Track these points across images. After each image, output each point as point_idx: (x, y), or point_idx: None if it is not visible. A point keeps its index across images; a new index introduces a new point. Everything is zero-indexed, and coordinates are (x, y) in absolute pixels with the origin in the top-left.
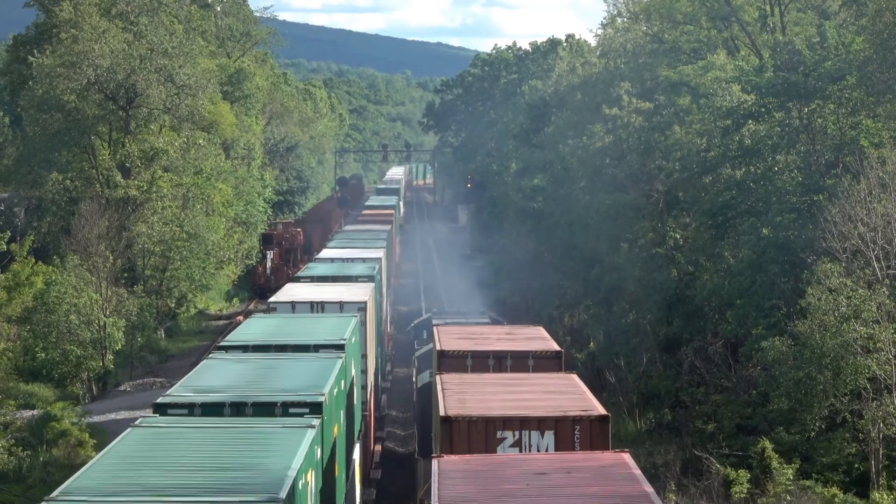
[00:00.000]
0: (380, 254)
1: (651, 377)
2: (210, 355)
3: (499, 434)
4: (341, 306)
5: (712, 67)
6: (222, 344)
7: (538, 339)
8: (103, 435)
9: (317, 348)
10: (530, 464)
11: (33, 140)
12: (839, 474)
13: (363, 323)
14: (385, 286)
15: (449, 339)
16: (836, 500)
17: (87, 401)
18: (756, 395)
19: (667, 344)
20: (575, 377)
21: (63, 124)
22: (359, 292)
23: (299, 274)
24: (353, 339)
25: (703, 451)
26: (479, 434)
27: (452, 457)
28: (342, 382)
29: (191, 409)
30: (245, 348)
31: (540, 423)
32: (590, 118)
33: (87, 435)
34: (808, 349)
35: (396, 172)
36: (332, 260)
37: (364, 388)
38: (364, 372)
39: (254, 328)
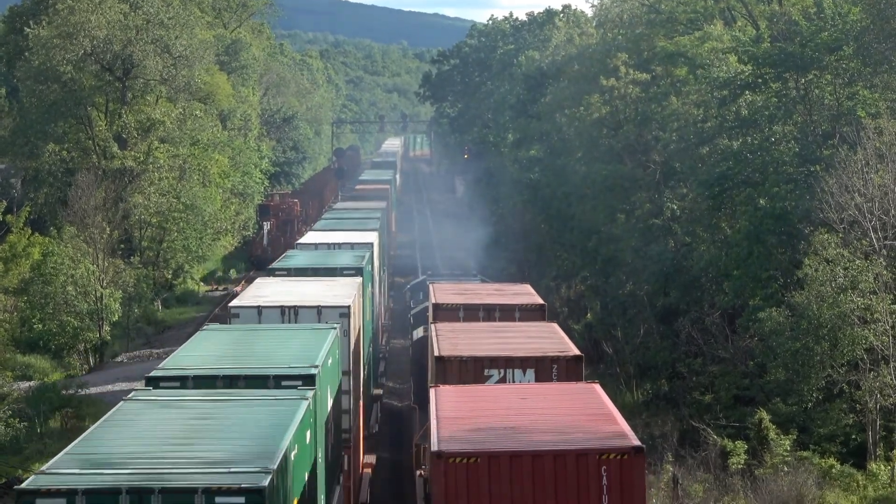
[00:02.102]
0: (372, 238)
1: (648, 348)
2: (133, 394)
3: (486, 372)
4: (319, 312)
5: (709, 38)
6: (154, 374)
7: (524, 294)
8: (100, 406)
9: (278, 381)
10: (513, 390)
11: (30, 111)
12: (836, 445)
13: (346, 332)
14: (378, 274)
15: (443, 294)
16: (834, 470)
17: (84, 372)
18: (753, 365)
19: (664, 315)
20: (555, 325)
21: (59, 95)
22: (342, 292)
23: (275, 265)
24: (330, 362)
25: (701, 422)
26: (468, 372)
27: (447, 386)
28: (307, 433)
29: (70, 498)
30: (183, 381)
31: (522, 362)
32: (587, 89)
33: (84, 406)
34: (805, 320)
35: (392, 144)
36: (315, 246)
37: (347, 412)
38: (347, 392)
39: (201, 348)
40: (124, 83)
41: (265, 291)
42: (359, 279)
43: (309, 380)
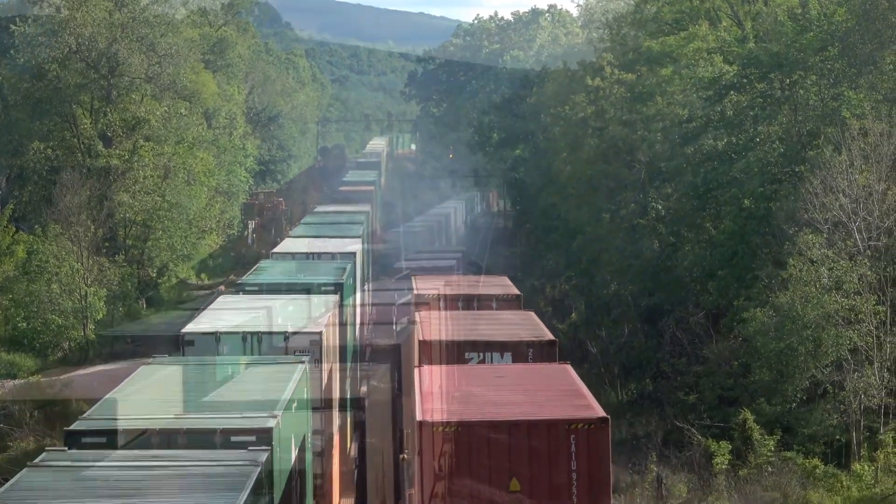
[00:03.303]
0: (354, 246)
1: (633, 348)
2: (42, 457)
3: (466, 355)
4: (286, 339)
5: (694, 38)
6: (76, 427)
7: (501, 285)
8: (83, 406)
9: (227, 437)
10: (491, 369)
11: (14, 108)
12: (820, 445)
13: (318, 361)
14: (360, 284)
15: (425, 284)
16: (817, 471)
17: (68, 370)
18: (737, 366)
19: (648, 315)
20: (531, 313)
21: (45, 93)
22: (315, 314)
23: (245, 279)
24: (296, 405)
25: (685, 423)
26: (450, 355)
27: (430, 366)
28: None
29: None
30: (110, 437)
31: (500, 346)
32: (572, 88)
33: (67, 404)
34: (789, 320)
35: (378, 144)
36: (293, 255)
37: (319, 455)
38: (319, 432)
39: (140, 390)
40: (109, 81)
41: (226, 313)
42: (336, 297)
43: (264, 435)
